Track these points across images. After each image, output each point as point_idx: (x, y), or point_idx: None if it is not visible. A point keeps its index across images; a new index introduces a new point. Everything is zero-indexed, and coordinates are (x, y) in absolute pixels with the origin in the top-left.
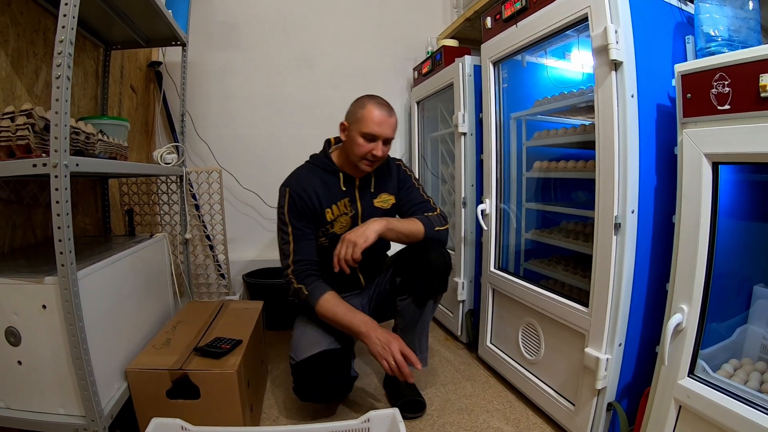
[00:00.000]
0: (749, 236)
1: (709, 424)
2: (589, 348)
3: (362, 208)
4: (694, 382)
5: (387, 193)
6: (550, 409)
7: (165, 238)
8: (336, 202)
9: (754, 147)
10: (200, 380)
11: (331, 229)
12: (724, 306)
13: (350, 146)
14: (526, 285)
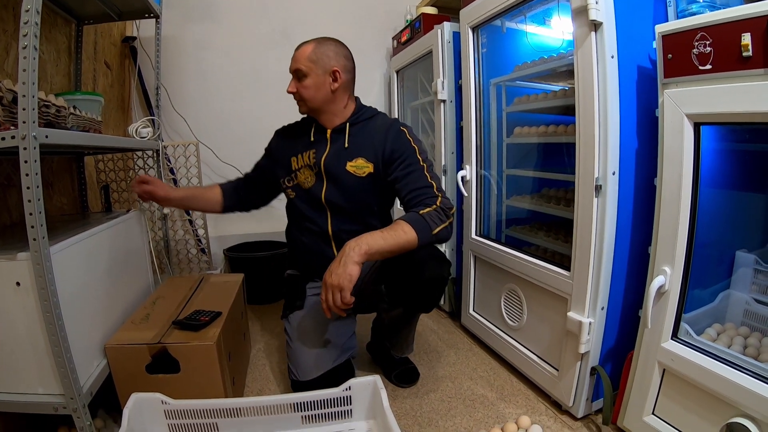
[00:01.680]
0: (732, 204)
1: (693, 387)
2: (571, 312)
3: (327, 165)
4: (677, 345)
5: (365, 159)
6: (533, 374)
7: (142, 213)
8: (302, 152)
9: (735, 106)
10: (179, 353)
11: (295, 179)
12: (707, 270)
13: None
14: (508, 251)
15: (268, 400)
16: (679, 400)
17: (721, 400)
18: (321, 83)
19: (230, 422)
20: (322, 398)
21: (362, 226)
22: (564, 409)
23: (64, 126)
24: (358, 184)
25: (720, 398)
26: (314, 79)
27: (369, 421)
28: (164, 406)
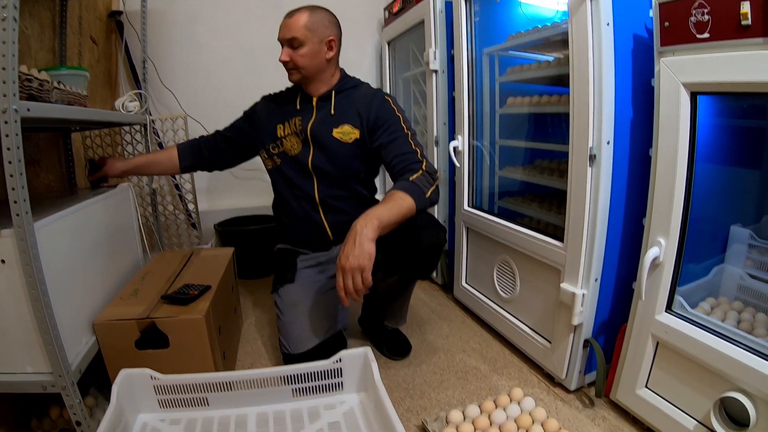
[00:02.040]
0: (727, 180)
1: (687, 360)
2: (564, 283)
3: (313, 131)
4: (672, 318)
5: (351, 126)
6: (526, 347)
7: (130, 188)
8: (288, 119)
9: (733, 76)
10: (168, 328)
11: (281, 146)
12: (701, 244)
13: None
14: (501, 222)
15: (257, 374)
16: (673, 373)
17: (715, 374)
18: (317, 52)
19: (220, 396)
20: (313, 371)
21: (349, 192)
22: (557, 382)
23: (48, 100)
24: (344, 150)
25: (714, 372)
26: (310, 47)
27: (360, 393)
28: (154, 381)
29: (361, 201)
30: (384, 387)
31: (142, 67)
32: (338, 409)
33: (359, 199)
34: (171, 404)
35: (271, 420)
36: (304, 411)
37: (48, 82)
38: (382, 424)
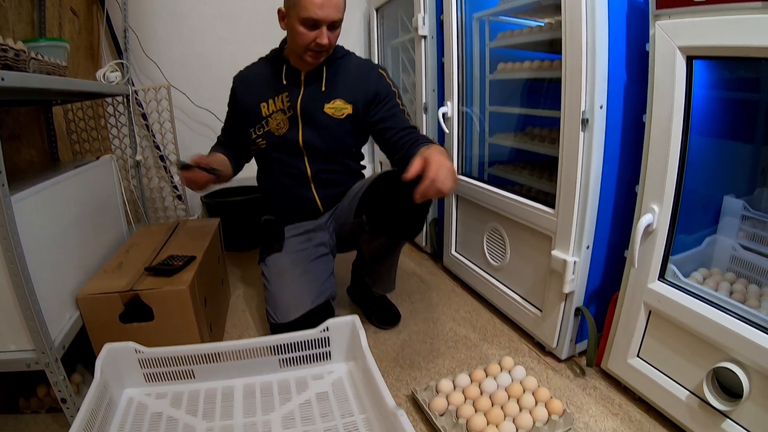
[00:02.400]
0: (721, 152)
1: (680, 329)
2: (556, 251)
3: (303, 108)
4: (664, 286)
5: (343, 101)
6: (516, 315)
7: (112, 159)
8: (273, 96)
9: (730, 40)
10: (152, 300)
11: (266, 126)
12: (694, 213)
13: (292, 36)
14: (491, 189)
15: (242, 344)
16: (666, 342)
17: (708, 344)
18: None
19: (206, 368)
20: (299, 340)
21: (340, 166)
22: (547, 351)
23: (24, 70)
24: (336, 125)
25: (707, 342)
26: (340, 27)
27: (349, 362)
28: (138, 355)
29: (351, 173)
30: (372, 356)
31: (124, 37)
32: (326, 378)
33: (350, 172)
34: (157, 378)
35: (258, 391)
36: (292, 381)
37: (24, 53)
38: (370, 393)
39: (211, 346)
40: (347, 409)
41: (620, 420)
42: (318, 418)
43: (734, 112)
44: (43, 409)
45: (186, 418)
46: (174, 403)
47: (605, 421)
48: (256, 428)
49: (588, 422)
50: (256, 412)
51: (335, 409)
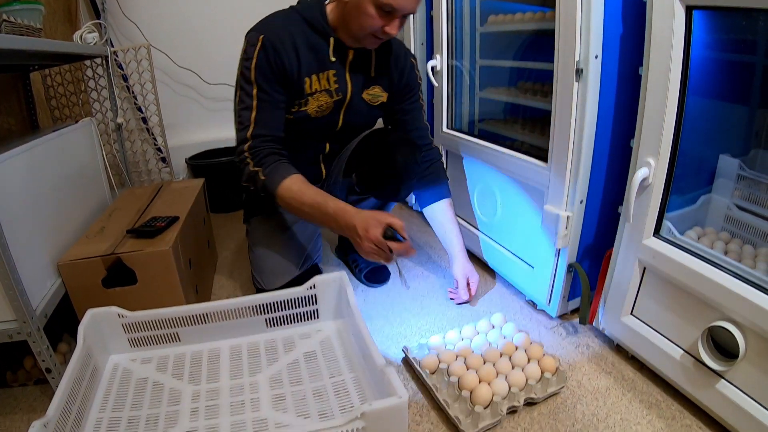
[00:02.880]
0: (717, 114)
1: (675, 287)
2: (548, 205)
3: (353, 94)
4: (660, 242)
5: (381, 88)
6: (507, 272)
7: (92, 122)
8: (318, 72)
9: None
10: (135, 263)
11: (304, 105)
12: (690, 170)
13: (354, 13)
14: (481, 143)
15: (228, 304)
16: (660, 300)
17: (704, 303)
18: None
19: (191, 331)
20: (285, 298)
21: (345, 146)
22: (539, 308)
23: None
24: (368, 111)
25: (703, 300)
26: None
27: (337, 320)
28: (122, 319)
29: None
30: (361, 313)
31: None
32: (314, 338)
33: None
34: (142, 342)
35: (244, 352)
36: (279, 341)
37: None
38: (359, 351)
39: (196, 307)
40: (336, 368)
41: (613, 378)
42: (306, 378)
43: (731, 73)
44: (30, 382)
45: (172, 382)
46: (160, 368)
47: (598, 380)
48: (242, 390)
49: (581, 380)
50: (243, 373)
51: (323, 369)
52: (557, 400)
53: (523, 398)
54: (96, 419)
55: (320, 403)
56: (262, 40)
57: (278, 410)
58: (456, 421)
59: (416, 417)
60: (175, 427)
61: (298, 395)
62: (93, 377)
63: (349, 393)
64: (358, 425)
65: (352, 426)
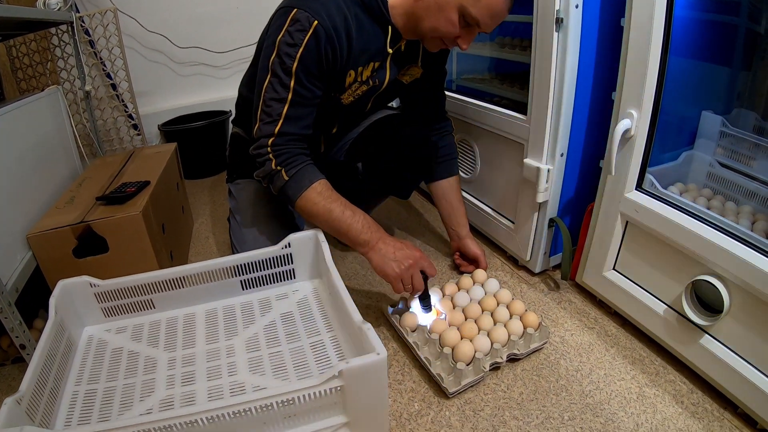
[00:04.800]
0: (700, 73)
1: (658, 241)
2: (528, 158)
3: (389, 82)
4: (642, 196)
5: (418, 66)
6: (488, 228)
7: (58, 91)
8: (365, 63)
9: None
10: (105, 230)
11: (338, 95)
12: (671, 126)
13: (433, 13)
14: (459, 97)
15: (200, 267)
16: (642, 255)
17: (687, 257)
18: None
19: (165, 297)
20: (260, 258)
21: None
22: (521, 264)
23: None
24: (399, 89)
25: (686, 254)
26: None
27: (314, 280)
28: (94, 289)
29: None
30: (337, 270)
31: None
32: (291, 298)
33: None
34: (116, 312)
35: (220, 316)
36: (255, 303)
37: None
38: (337, 310)
39: (168, 271)
40: (314, 328)
41: (596, 334)
42: (283, 339)
43: (715, 34)
44: (8, 361)
45: (147, 350)
46: (134, 337)
47: (581, 335)
48: (218, 354)
49: (564, 336)
50: (219, 337)
51: (301, 329)
52: (540, 356)
53: (505, 354)
54: (72, 393)
55: (298, 364)
56: (316, 27)
57: (255, 373)
58: (438, 378)
59: (398, 376)
60: (152, 396)
61: (276, 357)
62: (67, 350)
63: (328, 353)
64: (336, 384)
65: (329, 385)
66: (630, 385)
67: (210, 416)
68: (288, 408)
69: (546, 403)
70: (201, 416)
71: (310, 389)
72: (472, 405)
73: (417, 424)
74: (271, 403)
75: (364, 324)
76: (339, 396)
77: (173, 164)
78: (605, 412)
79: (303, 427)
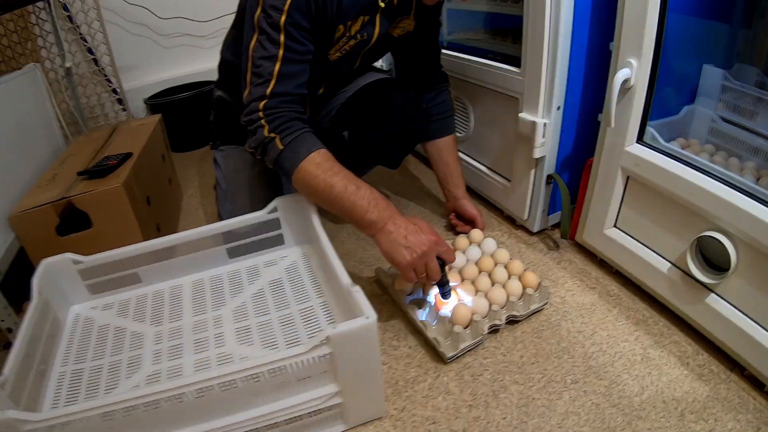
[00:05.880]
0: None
1: (661, 196)
2: (523, 113)
3: (378, 36)
4: (644, 149)
5: (411, 18)
6: (483, 188)
7: (36, 68)
8: (354, 18)
9: None
10: (87, 205)
11: (326, 51)
12: (672, 78)
13: None
14: (450, 53)
15: (184, 236)
16: (645, 211)
17: (692, 212)
18: None
19: (152, 270)
20: (245, 225)
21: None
22: (518, 224)
23: None
24: (387, 45)
25: (691, 209)
26: None
27: (303, 246)
28: (77, 266)
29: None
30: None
31: None
32: (280, 265)
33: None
34: (102, 288)
35: (207, 286)
36: (243, 272)
37: None
38: (327, 275)
39: (152, 242)
40: (303, 295)
41: (598, 294)
42: (272, 307)
43: None
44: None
45: (134, 326)
46: (121, 313)
47: (582, 296)
48: (206, 326)
49: (564, 297)
50: (207, 308)
51: (290, 296)
52: (540, 317)
53: (504, 316)
54: (59, 374)
55: (287, 332)
56: None
57: (243, 343)
58: (435, 343)
59: (393, 342)
60: (138, 372)
61: (264, 326)
62: (54, 330)
63: (318, 319)
64: (324, 351)
65: (316, 353)
66: (634, 346)
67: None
68: (276, 378)
69: (548, 366)
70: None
71: (297, 357)
72: (470, 370)
73: (414, 391)
74: (256, 374)
75: (353, 287)
76: (328, 364)
77: (158, 136)
78: (609, 374)
79: (293, 398)
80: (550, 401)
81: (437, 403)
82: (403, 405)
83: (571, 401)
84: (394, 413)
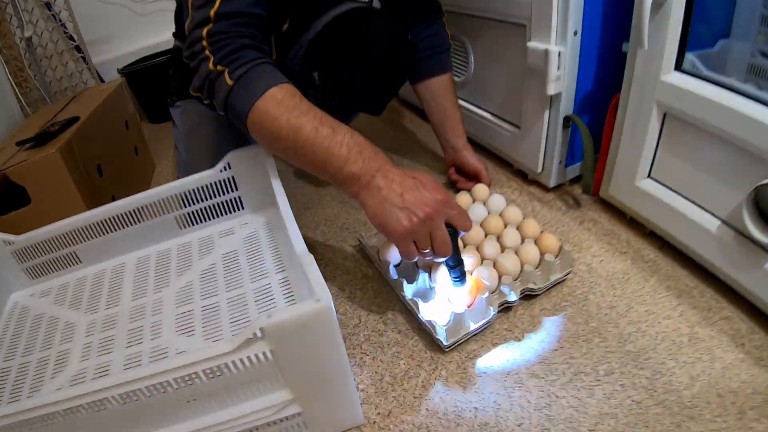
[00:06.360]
0: None
1: (708, 135)
2: (533, 41)
3: None
4: (686, 77)
5: None
6: (487, 138)
7: None
8: None
9: None
10: (23, 177)
11: None
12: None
13: None
14: None
15: (123, 204)
16: (687, 156)
17: (749, 155)
18: None
19: (92, 246)
20: (195, 187)
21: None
22: (531, 179)
23: None
24: None
25: (748, 151)
26: None
27: (267, 210)
28: (10, 247)
29: None
30: (286, 196)
31: None
32: (237, 234)
33: None
34: (40, 272)
35: (152, 263)
36: (195, 244)
37: None
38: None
39: (88, 214)
40: (261, 270)
41: (630, 260)
42: (222, 287)
43: None
44: None
45: (68, 314)
46: (57, 299)
47: (612, 262)
48: (144, 312)
49: (591, 264)
50: (147, 290)
51: (245, 272)
52: (563, 290)
53: (519, 290)
54: None
55: (237, 316)
56: None
57: (182, 333)
58: (429, 327)
59: (378, 325)
60: (63, 371)
61: (210, 310)
62: None
63: (275, 299)
64: (259, 349)
65: (246, 353)
66: (678, 324)
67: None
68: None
69: (574, 354)
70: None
71: (220, 359)
72: (475, 360)
73: (403, 390)
74: (188, 375)
75: (307, 256)
76: (271, 365)
77: (119, 100)
78: (651, 362)
79: (233, 408)
80: (579, 400)
81: (433, 406)
82: (388, 408)
83: (606, 399)
84: (377, 420)
